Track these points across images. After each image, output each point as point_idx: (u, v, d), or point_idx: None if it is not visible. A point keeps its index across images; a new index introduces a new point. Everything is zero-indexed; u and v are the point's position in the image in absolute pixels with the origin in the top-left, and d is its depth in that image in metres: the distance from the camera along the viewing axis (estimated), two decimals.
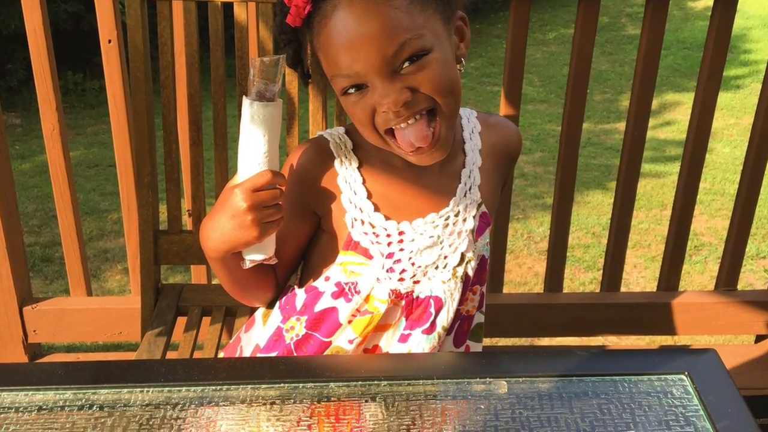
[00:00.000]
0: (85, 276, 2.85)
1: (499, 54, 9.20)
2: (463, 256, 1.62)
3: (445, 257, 1.61)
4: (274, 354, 1.65)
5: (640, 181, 2.85)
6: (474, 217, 1.62)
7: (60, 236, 2.79)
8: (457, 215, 1.61)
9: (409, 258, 1.58)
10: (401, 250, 1.57)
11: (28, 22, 2.47)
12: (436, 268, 1.60)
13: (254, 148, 1.44)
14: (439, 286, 1.61)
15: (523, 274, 4.53)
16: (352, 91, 1.44)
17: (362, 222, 1.57)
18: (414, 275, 1.59)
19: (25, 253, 2.89)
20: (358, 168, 1.58)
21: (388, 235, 1.57)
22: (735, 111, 7.33)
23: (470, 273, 1.65)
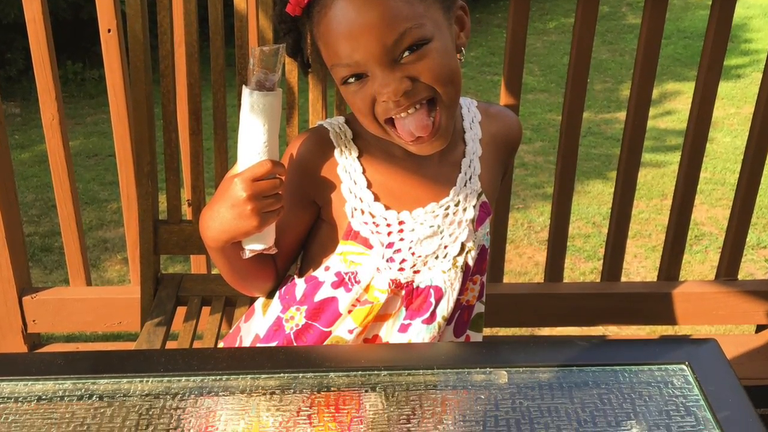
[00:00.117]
0: (85, 266, 2.85)
1: (500, 43, 9.19)
2: (463, 246, 1.62)
3: (445, 247, 1.60)
4: (273, 344, 1.65)
5: (641, 171, 2.84)
6: (474, 207, 1.62)
7: (59, 226, 2.79)
8: (457, 205, 1.60)
9: (409, 248, 1.58)
10: (401, 239, 1.57)
11: (27, 12, 2.46)
12: (436, 257, 1.60)
13: (254, 137, 1.44)
14: (439, 276, 1.61)
15: (524, 264, 4.53)
16: (352, 80, 1.43)
17: (362, 212, 1.56)
18: (414, 265, 1.59)
19: (25, 242, 2.89)
20: (358, 157, 1.58)
21: (388, 225, 1.57)
22: (736, 100, 7.32)
23: (470, 263, 1.64)
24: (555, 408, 1.28)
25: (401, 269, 1.58)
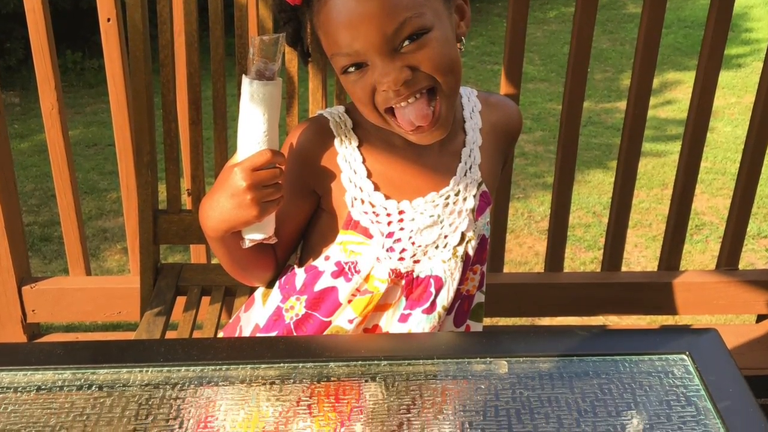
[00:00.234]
0: (84, 255, 2.85)
1: (500, 33, 9.18)
2: (463, 236, 1.62)
3: (446, 236, 1.60)
4: (273, 334, 1.64)
5: (641, 160, 2.84)
6: (474, 197, 1.62)
7: (59, 216, 2.79)
8: (457, 194, 1.60)
9: (409, 237, 1.57)
10: (401, 229, 1.57)
11: (27, 1, 2.46)
12: (437, 247, 1.60)
13: (254, 127, 1.43)
14: (440, 266, 1.60)
15: (524, 254, 4.53)
16: (351, 69, 1.43)
17: (362, 201, 1.56)
18: (414, 255, 1.59)
19: (24, 232, 2.89)
20: (358, 147, 1.57)
21: (388, 215, 1.56)
22: (736, 90, 7.31)
23: (470, 252, 1.64)
24: (555, 398, 1.27)
25: (401, 259, 1.58)
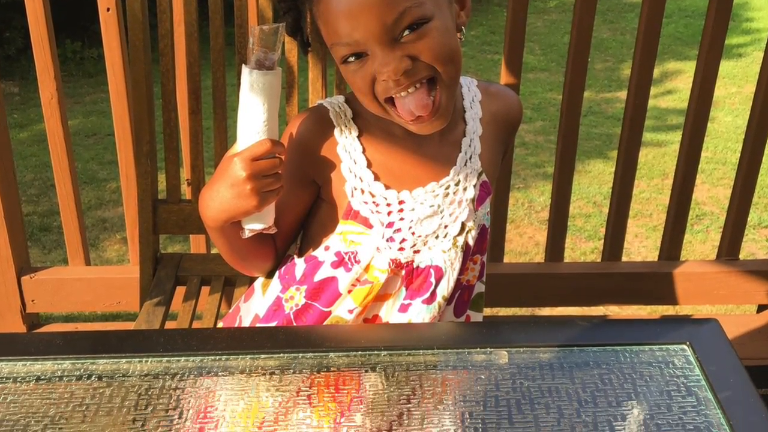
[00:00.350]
0: (84, 245, 2.85)
1: (500, 22, 9.16)
2: (463, 226, 1.61)
3: (446, 226, 1.60)
4: (273, 324, 1.64)
5: (642, 150, 2.84)
6: (474, 186, 1.61)
7: (58, 205, 2.79)
8: (457, 184, 1.60)
9: (409, 227, 1.57)
10: (401, 219, 1.57)
11: None
12: (437, 237, 1.60)
13: (253, 116, 1.43)
14: (440, 256, 1.60)
15: (524, 244, 4.52)
16: (351, 59, 1.43)
17: (362, 191, 1.56)
18: (414, 245, 1.58)
19: (23, 222, 2.88)
20: (358, 137, 1.57)
21: (388, 205, 1.56)
22: (737, 79, 7.31)
23: (471, 242, 1.64)
24: (556, 388, 1.27)
25: (401, 249, 1.58)
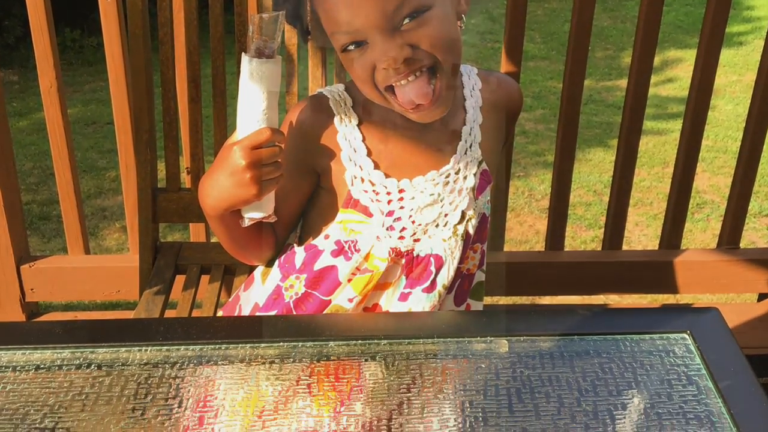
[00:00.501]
0: (83, 234, 2.85)
1: (500, 10, 9.14)
2: (463, 214, 1.61)
3: (446, 215, 1.60)
4: (273, 313, 1.64)
5: (642, 139, 2.83)
6: (475, 175, 1.61)
7: (58, 194, 2.79)
8: (457, 173, 1.60)
9: (410, 216, 1.57)
10: (401, 208, 1.56)
11: None
12: (437, 226, 1.59)
13: (253, 105, 1.43)
14: (440, 245, 1.60)
15: (524, 232, 4.52)
16: (351, 47, 1.43)
17: (362, 180, 1.55)
18: (414, 233, 1.58)
19: (23, 211, 2.88)
20: (358, 125, 1.57)
21: (388, 193, 1.56)
22: (737, 68, 7.29)
23: (471, 231, 1.64)
24: (556, 377, 1.27)
25: (401, 237, 1.57)
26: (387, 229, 1.56)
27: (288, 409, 1.22)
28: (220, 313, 1.90)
